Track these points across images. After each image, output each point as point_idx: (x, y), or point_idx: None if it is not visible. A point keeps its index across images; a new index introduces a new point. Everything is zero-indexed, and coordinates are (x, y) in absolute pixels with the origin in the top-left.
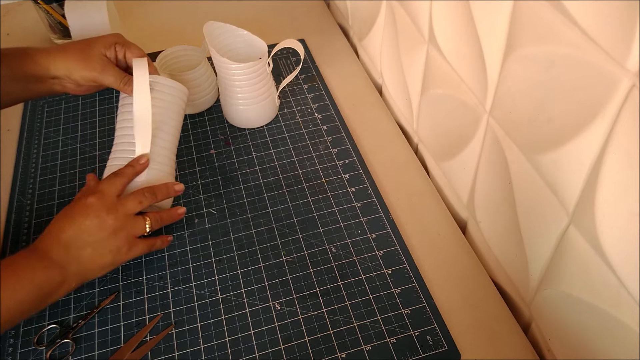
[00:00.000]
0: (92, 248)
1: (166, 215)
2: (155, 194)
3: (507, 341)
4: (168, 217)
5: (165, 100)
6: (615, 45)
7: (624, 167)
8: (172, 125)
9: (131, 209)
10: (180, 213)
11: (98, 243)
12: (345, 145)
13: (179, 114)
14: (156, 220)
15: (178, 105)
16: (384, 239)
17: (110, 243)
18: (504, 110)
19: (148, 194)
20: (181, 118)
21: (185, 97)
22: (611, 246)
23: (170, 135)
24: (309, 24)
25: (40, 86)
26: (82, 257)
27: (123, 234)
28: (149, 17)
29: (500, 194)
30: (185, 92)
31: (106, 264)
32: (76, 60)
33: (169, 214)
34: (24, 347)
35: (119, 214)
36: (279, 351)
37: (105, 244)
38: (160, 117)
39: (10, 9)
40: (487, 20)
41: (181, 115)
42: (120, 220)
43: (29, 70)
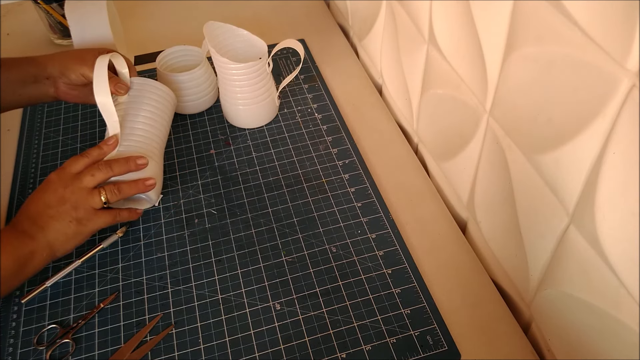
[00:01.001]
0: (54, 219)
1: (127, 186)
2: (111, 167)
3: (507, 341)
4: (130, 188)
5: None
6: (615, 45)
7: (624, 167)
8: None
9: (86, 183)
10: (148, 184)
11: (59, 215)
12: (345, 145)
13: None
14: (112, 192)
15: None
16: (384, 239)
17: (69, 215)
18: (504, 110)
19: (103, 167)
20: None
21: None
22: (611, 246)
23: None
24: (309, 24)
25: (34, 89)
26: (47, 228)
27: (81, 207)
28: (149, 17)
29: (500, 194)
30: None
31: (70, 233)
32: (73, 57)
33: (133, 184)
34: (24, 347)
35: (74, 187)
36: (279, 351)
37: (65, 215)
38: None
39: (10, 9)
40: (487, 20)
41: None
42: (76, 193)
43: (25, 70)
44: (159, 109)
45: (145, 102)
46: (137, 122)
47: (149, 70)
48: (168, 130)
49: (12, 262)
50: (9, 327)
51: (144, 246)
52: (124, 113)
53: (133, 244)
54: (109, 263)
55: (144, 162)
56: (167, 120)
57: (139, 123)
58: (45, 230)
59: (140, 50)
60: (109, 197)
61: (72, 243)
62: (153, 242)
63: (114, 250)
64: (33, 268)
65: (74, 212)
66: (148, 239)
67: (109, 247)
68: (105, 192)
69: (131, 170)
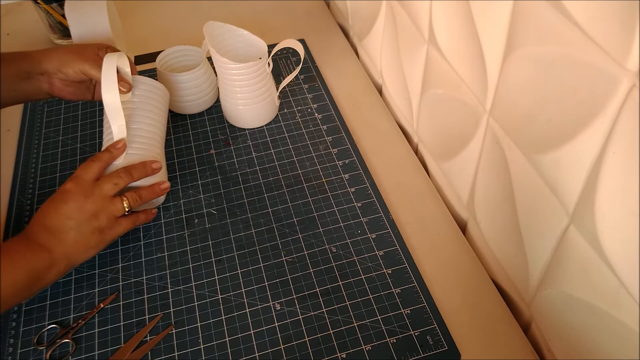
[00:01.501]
0: (75, 231)
1: (146, 192)
2: (131, 174)
3: (507, 341)
4: (149, 193)
5: (141, 95)
6: (615, 45)
7: (624, 167)
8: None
9: (107, 191)
10: (163, 188)
11: (80, 226)
12: (345, 145)
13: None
14: (134, 198)
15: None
16: (384, 239)
17: (91, 225)
18: (504, 110)
19: (123, 174)
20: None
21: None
22: (611, 246)
23: (150, 125)
24: (309, 24)
25: (28, 84)
26: (67, 240)
27: (103, 216)
28: (149, 17)
29: (500, 194)
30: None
31: (91, 244)
32: (70, 53)
33: (150, 190)
34: (24, 347)
35: (96, 197)
36: (279, 351)
37: (86, 226)
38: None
39: (10, 9)
40: (487, 20)
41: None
42: (98, 203)
43: (18, 65)
44: (159, 108)
45: (147, 102)
46: (142, 123)
47: (149, 70)
48: (166, 129)
49: (25, 276)
50: (9, 327)
51: (144, 246)
52: (129, 113)
53: (133, 244)
54: (109, 263)
55: (159, 165)
56: (165, 119)
57: (143, 124)
58: (65, 243)
59: (140, 50)
60: (131, 203)
61: (92, 252)
62: (153, 242)
63: (114, 250)
64: (49, 280)
65: (96, 222)
66: (148, 239)
67: (109, 247)
68: (128, 199)
69: (148, 174)
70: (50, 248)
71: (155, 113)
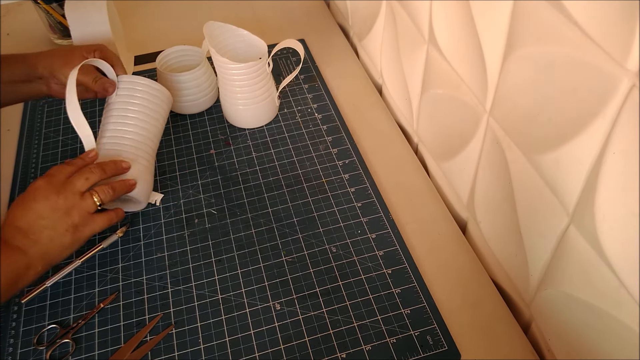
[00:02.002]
0: (49, 229)
1: (119, 186)
2: (104, 170)
3: (507, 341)
4: (121, 187)
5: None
6: (615, 45)
7: (624, 167)
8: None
9: (79, 187)
10: (131, 184)
11: (54, 224)
12: (345, 145)
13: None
14: (105, 192)
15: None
16: (384, 239)
17: (65, 222)
18: (504, 110)
19: (95, 170)
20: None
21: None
22: (611, 246)
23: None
24: (309, 24)
25: (28, 87)
26: (41, 240)
27: (76, 212)
28: (149, 17)
29: (500, 194)
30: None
31: (67, 243)
32: (59, 57)
33: (122, 183)
34: (24, 347)
35: (67, 193)
36: (279, 351)
37: (60, 223)
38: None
39: (10, 9)
40: (487, 20)
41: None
42: (70, 199)
43: (18, 69)
44: (150, 108)
45: (135, 102)
46: (126, 124)
47: (149, 70)
48: (161, 130)
49: (4, 280)
50: (9, 327)
51: (144, 246)
52: (113, 113)
53: (133, 244)
54: (109, 263)
55: (127, 165)
56: (159, 120)
57: (128, 125)
58: (39, 243)
59: (140, 50)
60: (102, 197)
61: (68, 251)
62: (153, 242)
63: (114, 250)
64: (27, 281)
65: (69, 219)
66: (148, 239)
67: (109, 247)
68: (98, 193)
69: (119, 173)
70: (25, 250)
71: (146, 114)
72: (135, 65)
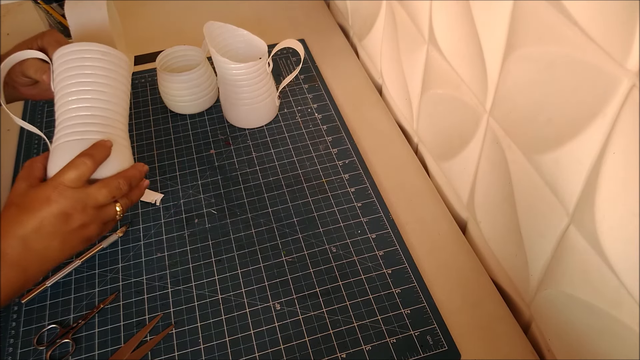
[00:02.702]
0: (60, 240)
1: (136, 196)
2: (129, 184)
3: (507, 341)
4: (138, 196)
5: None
6: (615, 45)
7: (624, 167)
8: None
9: (102, 201)
10: (145, 186)
11: (66, 235)
12: (345, 145)
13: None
14: (126, 204)
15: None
16: (384, 239)
17: (80, 234)
18: (504, 110)
19: (123, 185)
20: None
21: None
22: (611, 246)
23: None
24: (309, 24)
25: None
26: (48, 252)
27: (92, 227)
28: (149, 17)
29: (500, 194)
30: (114, 55)
31: (77, 250)
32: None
33: (138, 192)
34: (24, 347)
35: (88, 209)
36: (279, 351)
37: (74, 236)
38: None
39: (10, 9)
40: (487, 20)
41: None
42: (90, 215)
43: None
44: (116, 79)
45: (77, 73)
46: (80, 101)
47: (149, 70)
48: (127, 94)
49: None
50: (9, 327)
51: (144, 246)
52: (59, 95)
53: (133, 244)
54: (109, 263)
55: (146, 168)
56: (126, 92)
57: (85, 101)
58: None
59: (140, 50)
60: (124, 210)
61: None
62: (153, 242)
63: (114, 250)
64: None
65: (84, 231)
66: (148, 239)
67: (109, 247)
68: (121, 205)
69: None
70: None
71: (112, 86)
72: (135, 65)
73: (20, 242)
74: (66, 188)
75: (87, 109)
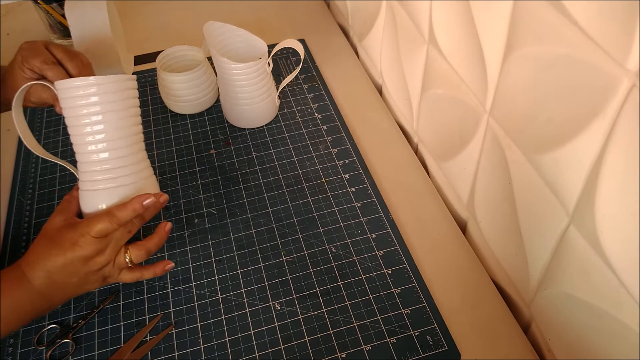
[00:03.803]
0: (78, 278)
1: (154, 246)
2: (143, 217)
3: (507, 341)
4: (156, 246)
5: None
6: (615, 45)
7: (624, 167)
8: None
9: (121, 241)
10: (167, 230)
11: (85, 274)
12: (345, 145)
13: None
14: (138, 255)
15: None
16: (384, 239)
17: (97, 274)
18: (504, 110)
19: (137, 222)
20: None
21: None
22: (611, 246)
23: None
24: (309, 24)
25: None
26: (67, 287)
27: (108, 267)
28: (149, 17)
29: (500, 194)
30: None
31: (94, 288)
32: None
33: (158, 241)
34: (24, 347)
35: (107, 252)
36: (279, 351)
37: (92, 276)
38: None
39: (10, 9)
40: (487, 20)
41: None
42: (107, 256)
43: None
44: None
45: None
46: (95, 137)
47: (149, 70)
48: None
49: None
50: None
51: None
52: (76, 133)
53: None
54: None
55: (165, 199)
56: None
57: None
58: (67, 293)
59: (140, 50)
60: (134, 260)
61: (89, 289)
62: None
63: None
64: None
65: (101, 272)
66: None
67: None
68: (131, 255)
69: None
70: (50, 298)
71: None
72: (135, 65)
73: (45, 274)
74: (91, 238)
75: (105, 148)
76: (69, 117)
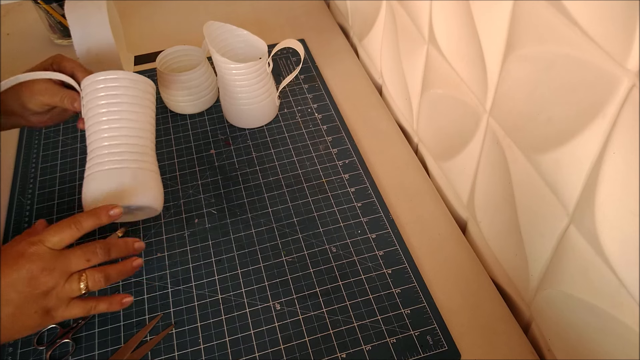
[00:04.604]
0: (15, 307)
1: (115, 272)
2: (109, 251)
3: (507, 341)
4: (118, 273)
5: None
6: (615, 45)
7: (624, 167)
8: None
9: (74, 267)
10: (135, 265)
11: (24, 304)
12: (345, 145)
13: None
14: (96, 281)
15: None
16: (384, 239)
17: (37, 304)
18: (504, 110)
19: (100, 251)
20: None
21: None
22: (611, 246)
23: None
24: (309, 24)
25: (8, 120)
26: (2, 315)
27: (54, 295)
28: (149, 17)
29: (500, 194)
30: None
31: (33, 325)
32: (23, 89)
33: (121, 268)
34: (24, 347)
35: (57, 272)
36: (279, 351)
37: (30, 304)
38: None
39: (10, 9)
40: (487, 20)
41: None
42: (56, 279)
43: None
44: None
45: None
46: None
47: (149, 70)
48: (153, 122)
49: None
50: None
51: None
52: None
53: None
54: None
55: (141, 246)
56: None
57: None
58: (7, 329)
59: (140, 50)
60: (90, 286)
61: (29, 332)
62: (153, 242)
63: None
64: None
65: (43, 302)
66: (148, 239)
67: None
68: (87, 280)
69: (127, 254)
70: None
71: (136, 112)
72: (135, 65)
73: None
74: (44, 249)
75: (119, 137)
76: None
